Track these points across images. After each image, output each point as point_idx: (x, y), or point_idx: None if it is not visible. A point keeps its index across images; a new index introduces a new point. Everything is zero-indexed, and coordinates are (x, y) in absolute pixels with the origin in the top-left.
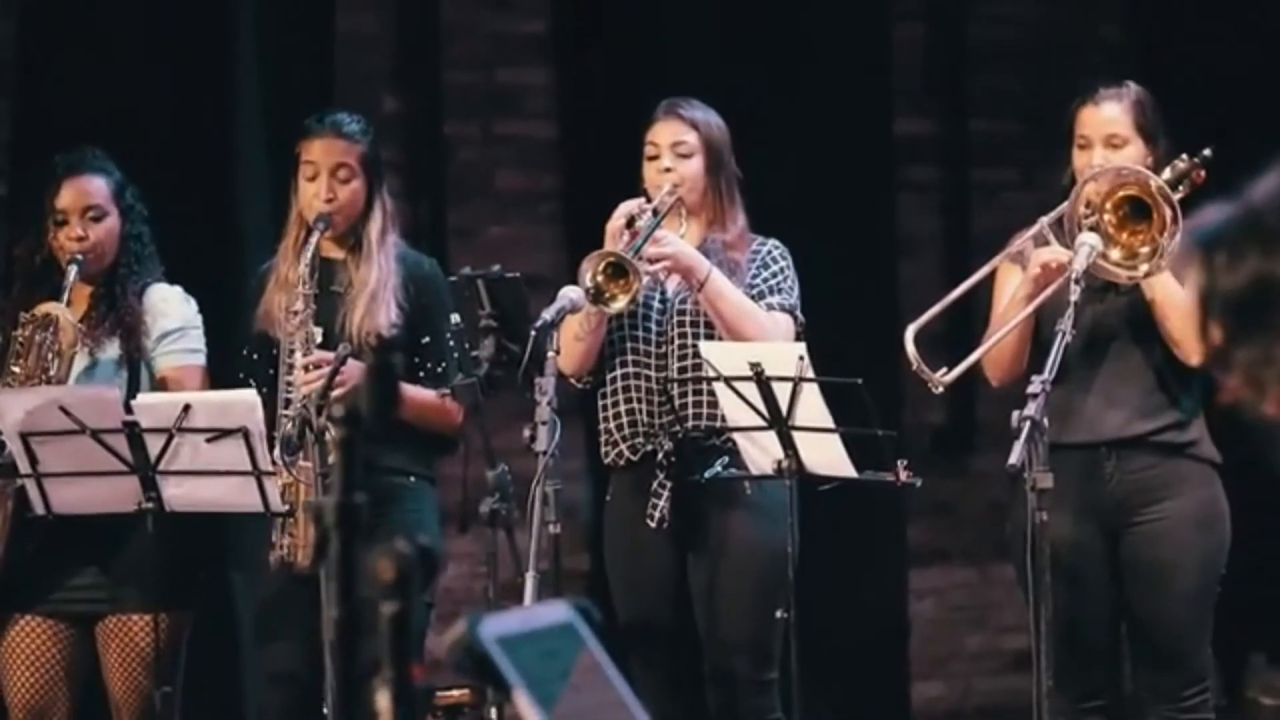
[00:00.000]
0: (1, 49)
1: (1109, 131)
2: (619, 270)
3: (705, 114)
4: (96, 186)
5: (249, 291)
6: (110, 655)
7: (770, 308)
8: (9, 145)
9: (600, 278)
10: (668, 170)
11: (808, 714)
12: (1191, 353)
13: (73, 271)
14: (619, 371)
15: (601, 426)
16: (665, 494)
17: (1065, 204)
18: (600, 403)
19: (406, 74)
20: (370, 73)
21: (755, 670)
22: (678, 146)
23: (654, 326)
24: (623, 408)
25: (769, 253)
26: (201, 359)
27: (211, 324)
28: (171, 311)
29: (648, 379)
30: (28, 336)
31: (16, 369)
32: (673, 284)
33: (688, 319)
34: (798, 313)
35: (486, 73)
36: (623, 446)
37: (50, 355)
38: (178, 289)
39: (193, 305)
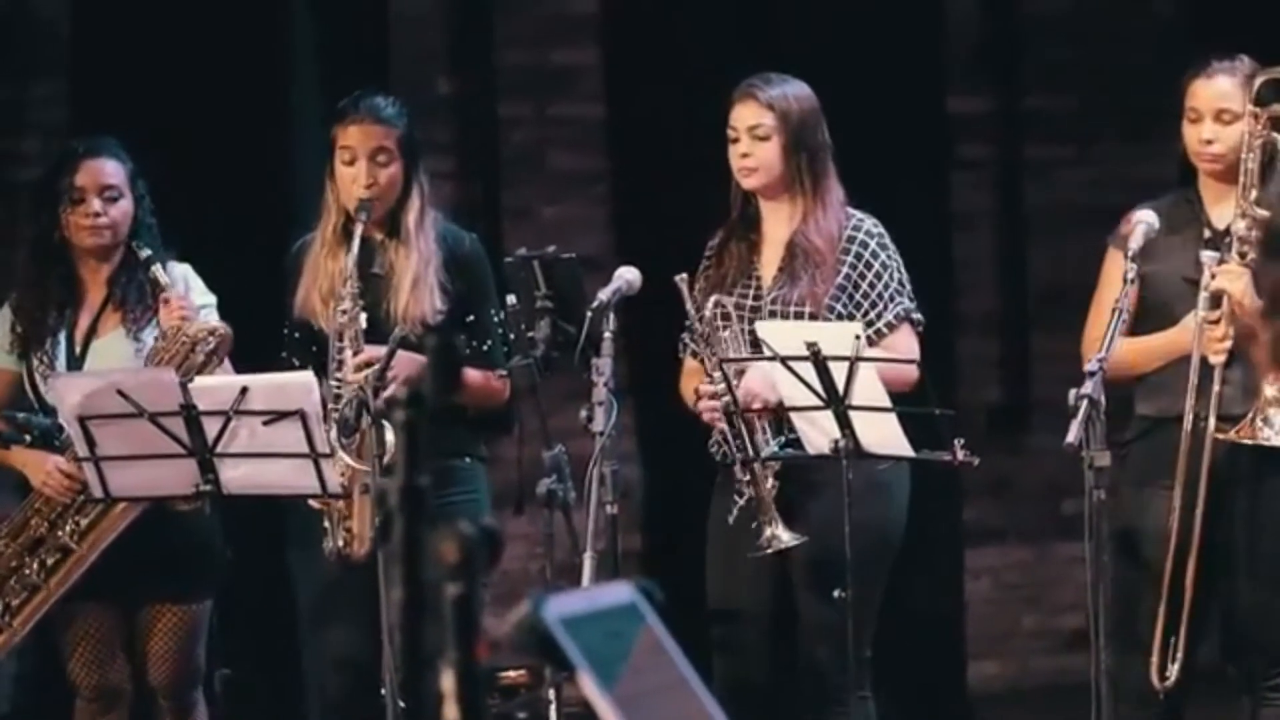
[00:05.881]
0: (55, 27)
1: (1220, 106)
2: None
3: (784, 90)
4: (114, 168)
5: (285, 269)
6: (148, 642)
7: (881, 333)
8: (66, 125)
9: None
10: (745, 155)
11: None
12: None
13: (157, 269)
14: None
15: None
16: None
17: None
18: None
19: (460, 54)
20: (424, 53)
21: (854, 649)
22: (754, 130)
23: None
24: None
25: (862, 245)
26: None
27: (264, 302)
28: (198, 291)
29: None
30: (189, 355)
31: None
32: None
33: (790, 311)
34: (914, 314)
35: (540, 53)
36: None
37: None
38: (188, 266)
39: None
